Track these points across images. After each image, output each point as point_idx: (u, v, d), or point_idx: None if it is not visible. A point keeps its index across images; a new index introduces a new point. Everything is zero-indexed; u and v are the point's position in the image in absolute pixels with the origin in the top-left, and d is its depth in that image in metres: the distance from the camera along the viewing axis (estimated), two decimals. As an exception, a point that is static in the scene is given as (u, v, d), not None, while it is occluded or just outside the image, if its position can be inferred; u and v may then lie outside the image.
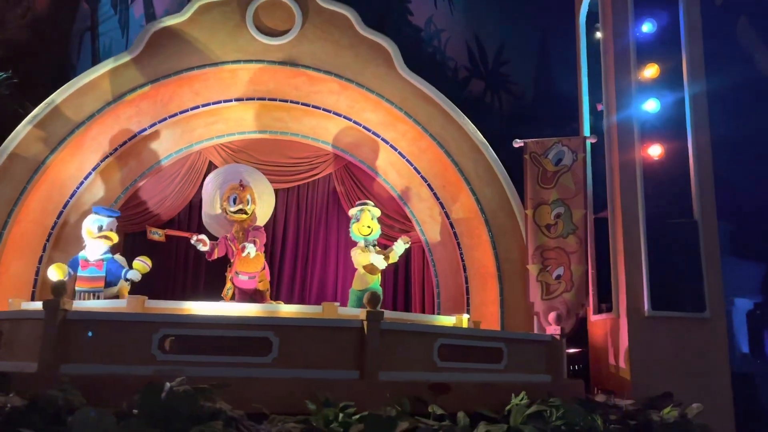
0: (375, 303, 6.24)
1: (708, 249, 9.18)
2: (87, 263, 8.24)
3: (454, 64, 14.32)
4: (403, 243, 9.05)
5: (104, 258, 8.25)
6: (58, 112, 9.70)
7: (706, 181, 9.42)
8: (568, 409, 5.51)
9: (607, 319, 9.47)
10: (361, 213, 9.14)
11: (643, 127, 9.57)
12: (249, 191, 8.35)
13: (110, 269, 8.22)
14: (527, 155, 9.88)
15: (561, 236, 9.49)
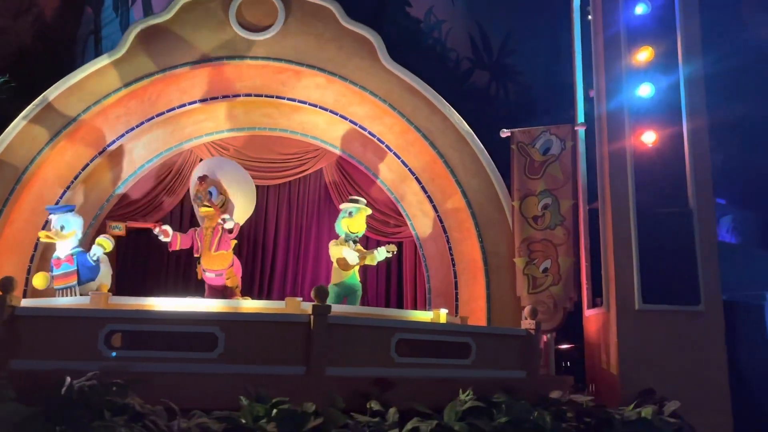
0: (322, 297, 6.09)
1: (704, 239, 8.74)
2: (59, 261, 8.30)
3: (456, 56, 14.06)
4: (386, 251, 8.90)
5: (73, 252, 8.28)
6: (48, 110, 9.82)
7: (702, 168, 8.97)
8: (514, 405, 5.26)
9: (600, 314, 9.12)
10: (358, 212, 9.01)
11: (635, 113, 9.19)
12: (211, 184, 8.25)
13: (80, 261, 8.25)
14: (514, 145, 9.60)
15: (548, 228, 9.18)
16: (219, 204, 8.17)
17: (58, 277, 8.26)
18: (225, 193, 8.26)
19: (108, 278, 8.75)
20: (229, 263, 8.10)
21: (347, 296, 8.87)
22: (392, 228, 10.84)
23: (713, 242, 8.76)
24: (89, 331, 5.92)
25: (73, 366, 5.75)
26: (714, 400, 8.29)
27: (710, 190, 8.92)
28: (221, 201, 8.21)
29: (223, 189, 8.25)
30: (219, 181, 8.29)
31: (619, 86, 9.24)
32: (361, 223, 8.93)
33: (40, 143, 9.76)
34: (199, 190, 8.18)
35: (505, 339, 7.47)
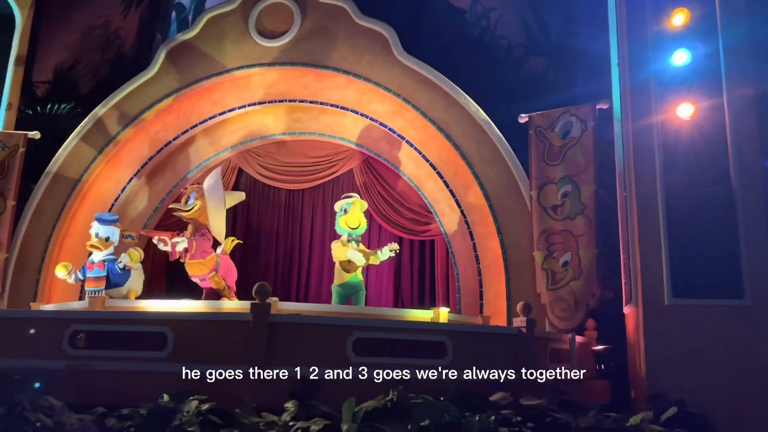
0: (263, 295, 5.99)
1: (750, 222, 7.56)
2: (92, 265, 8.85)
3: (507, 43, 13.31)
4: (389, 250, 8.62)
5: (105, 259, 8.81)
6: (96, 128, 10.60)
7: (747, 141, 7.77)
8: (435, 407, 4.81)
9: (633, 311, 8.20)
10: (351, 206, 8.85)
11: (666, 84, 8.17)
12: (191, 189, 8.42)
13: (110, 268, 8.75)
14: (532, 130, 8.90)
15: (568, 218, 8.38)
16: (192, 209, 8.27)
17: (89, 280, 8.79)
18: (200, 198, 8.35)
19: (138, 284, 9.15)
20: (209, 269, 8.20)
21: (351, 296, 8.70)
22: (422, 226, 10.49)
23: (762, 225, 7.54)
24: (56, 331, 6.24)
25: (39, 364, 6.12)
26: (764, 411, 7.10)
27: (758, 167, 7.70)
28: (193, 206, 8.29)
29: (200, 194, 8.36)
30: (200, 187, 8.43)
31: (647, 54, 8.28)
32: (358, 217, 8.69)
33: (85, 162, 10.55)
34: (183, 195, 8.38)
35: (491, 338, 6.91)
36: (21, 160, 10.19)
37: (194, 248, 7.92)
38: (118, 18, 14.92)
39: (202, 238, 8.11)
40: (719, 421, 6.93)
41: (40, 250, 10.25)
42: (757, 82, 7.85)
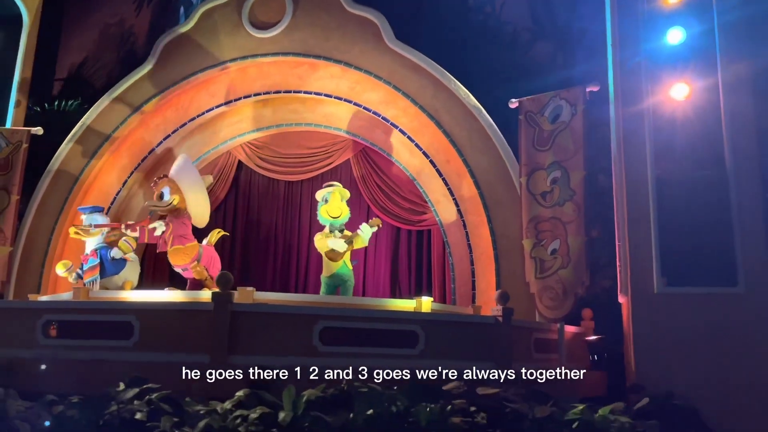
0: (225, 284, 5.97)
1: (744, 207, 7.24)
2: (86, 257, 9.01)
3: (513, 28, 13.03)
4: (369, 226, 8.49)
5: (97, 248, 8.91)
6: (94, 125, 10.76)
7: (742, 122, 7.44)
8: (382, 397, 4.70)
9: (626, 300, 7.93)
10: (331, 194, 8.76)
11: (657, 64, 7.89)
12: (165, 183, 8.38)
13: (103, 255, 8.84)
14: (522, 115, 8.69)
15: (557, 204, 8.16)
16: (168, 204, 8.28)
17: (86, 271, 8.94)
18: (178, 192, 8.34)
19: (134, 275, 9.26)
20: (191, 258, 8.21)
21: (339, 286, 8.62)
22: (418, 216, 10.36)
23: (757, 209, 7.19)
24: (29, 321, 6.33)
25: (12, 354, 6.24)
26: (758, 402, 6.79)
27: (753, 149, 7.35)
28: (171, 201, 8.28)
29: (176, 189, 8.34)
30: (174, 183, 8.40)
31: (639, 32, 8.00)
32: (338, 206, 8.57)
33: (87, 156, 10.71)
34: (155, 190, 8.39)
35: (466, 327, 6.76)
36: (24, 155, 10.41)
37: (170, 230, 7.96)
38: (131, 15, 15.10)
39: (178, 220, 8.15)
40: (710, 411, 6.70)
41: (44, 244, 10.45)
42: (754, 60, 7.47)
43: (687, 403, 6.79)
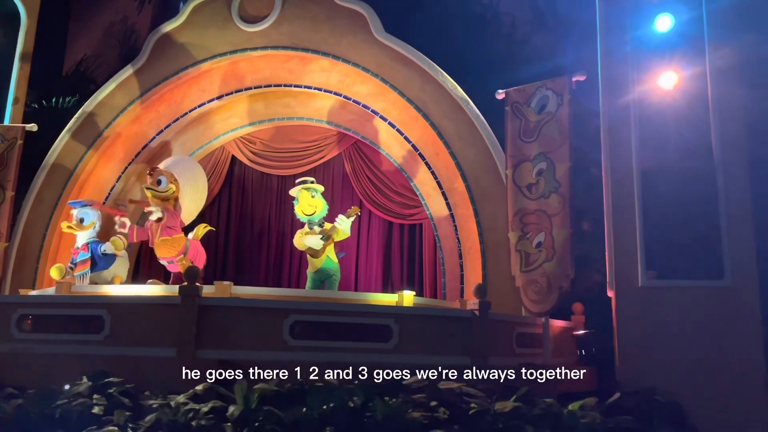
0: (192, 278, 5.94)
1: (732, 198, 7.03)
2: (77, 250, 9.05)
3: (511, 20, 12.85)
4: (346, 217, 8.42)
5: (89, 242, 8.94)
6: (88, 121, 10.82)
7: (730, 111, 7.22)
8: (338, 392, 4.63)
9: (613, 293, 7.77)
10: (299, 193, 8.70)
11: (642, 52, 7.72)
12: (161, 173, 8.38)
13: (94, 249, 8.88)
14: (508, 107, 8.52)
15: (542, 196, 7.99)
16: (165, 191, 8.28)
17: (77, 265, 8.98)
18: (175, 183, 8.37)
19: (123, 270, 9.33)
20: (177, 251, 8.21)
21: (324, 281, 8.57)
22: (410, 210, 10.27)
23: (745, 200, 6.98)
24: (4, 315, 6.36)
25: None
26: (744, 398, 6.61)
27: (742, 138, 7.14)
28: (167, 189, 8.30)
29: (174, 179, 8.36)
30: (170, 172, 8.43)
31: (625, 19, 7.83)
32: (309, 203, 8.49)
33: (80, 152, 10.76)
34: (150, 178, 8.38)
35: (442, 321, 6.66)
36: (19, 152, 10.47)
37: (166, 218, 7.98)
38: (133, 13, 15.20)
39: (171, 213, 8.16)
40: (694, 407, 6.55)
41: (39, 239, 10.54)
42: (742, 48, 7.25)
43: (670, 398, 6.64)
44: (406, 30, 10.37)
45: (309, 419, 4.42)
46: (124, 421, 4.46)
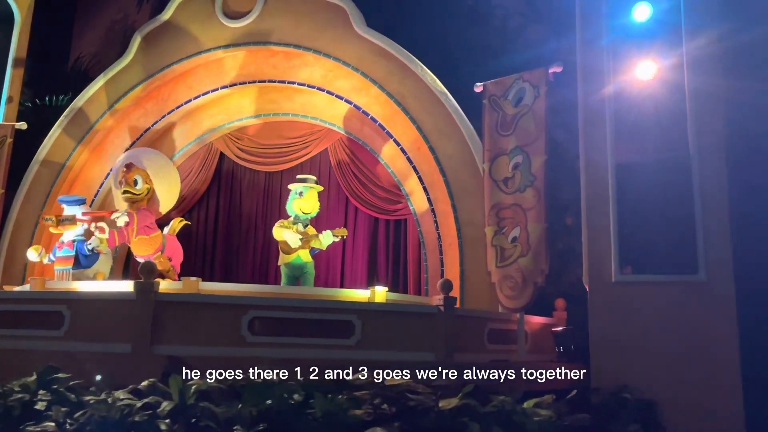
0: (148, 273, 5.92)
1: (707, 191, 6.82)
2: (62, 244, 9.07)
3: (503, 13, 12.66)
4: (333, 235, 8.41)
5: (75, 239, 8.98)
6: (77, 118, 10.89)
7: (707, 102, 6.98)
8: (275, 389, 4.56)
9: (590, 289, 7.60)
10: (308, 191, 8.69)
11: (617, 42, 7.52)
12: (137, 172, 8.37)
13: (78, 248, 8.90)
14: (486, 100, 8.38)
15: (518, 191, 7.85)
16: (142, 192, 8.28)
17: (59, 259, 9.00)
18: (150, 182, 8.36)
19: (105, 267, 9.37)
20: (155, 249, 8.20)
21: (299, 277, 8.53)
22: (394, 205, 10.16)
23: (721, 193, 6.77)
24: (-29, 311, 6.41)
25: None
26: (718, 395, 6.42)
27: (719, 130, 6.91)
28: (145, 190, 8.29)
29: (149, 179, 8.35)
30: (145, 171, 8.42)
31: (601, 7, 7.63)
32: (313, 203, 8.53)
33: (70, 147, 10.83)
34: (127, 178, 8.36)
35: (407, 317, 6.57)
36: (9, 150, 10.58)
37: (135, 221, 7.97)
38: (133, 11, 15.28)
39: (140, 213, 8.14)
40: (667, 405, 6.40)
41: (29, 235, 10.64)
42: (720, 37, 7.02)
43: (642, 396, 6.49)
44: (391, 23, 10.29)
45: (244, 416, 4.37)
46: (63, 417, 4.44)
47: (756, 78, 6.85)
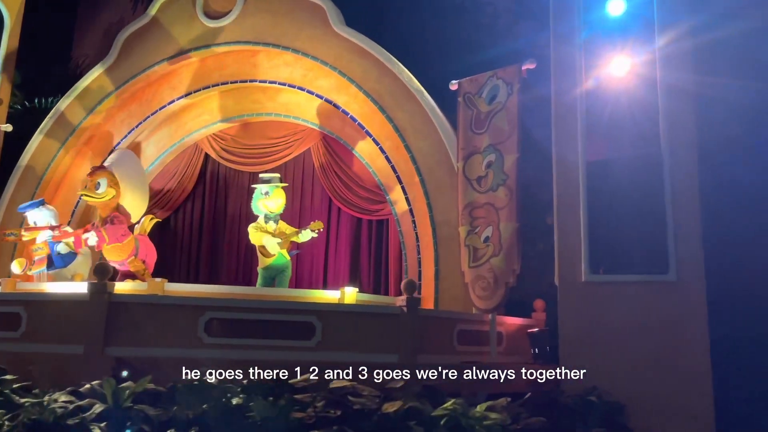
0: (102, 275, 5.87)
1: (678, 188, 6.62)
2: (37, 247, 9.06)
3: (493, 9, 12.51)
4: (311, 231, 8.32)
5: (47, 240, 8.93)
6: (60, 120, 10.91)
7: (679, 97, 6.79)
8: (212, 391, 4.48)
9: (563, 290, 7.43)
10: (274, 190, 8.62)
11: (589, 37, 7.35)
12: (102, 175, 8.23)
13: (51, 248, 8.88)
14: (461, 97, 8.26)
15: (491, 189, 7.72)
16: (104, 196, 8.15)
17: (36, 262, 9.01)
18: (116, 186, 8.23)
19: (84, 268, 9.35)
20: (128, 254, 8.14)
21: (275, 278, 8.46)
22: (376, 205, 10.06)
23: (692, 191, 6.58)
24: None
25: None
26: (688, 397, 6.24)
27: (692, 126, 6.72)
28: (105, 194, 8.14)
29: (114, 182, 8.23)
30: (112, 175, 8.28)
31: (575, 3, 7.48)
32: (280, 201, 8.44)
33: (53, 150, 10.86)
34: (88, 181, 8.24)
35: (369, 318, 6.46)
36: (-6, 152, 10.66)
37: (107, 238, 7.87)
38: (129, 15, 15.31)
39: (113, 225, 8.01)
40: (636, 409, 6.24)
41: (11, 246, 10.68)
42: (693, 32, 6.84)
43: (611, 398, 6.33)
44: (370, 20, 10.21)
45: (179, 419, 4.29)
46: (1, 419, 4.39)
47: (728, 74, 6.65)
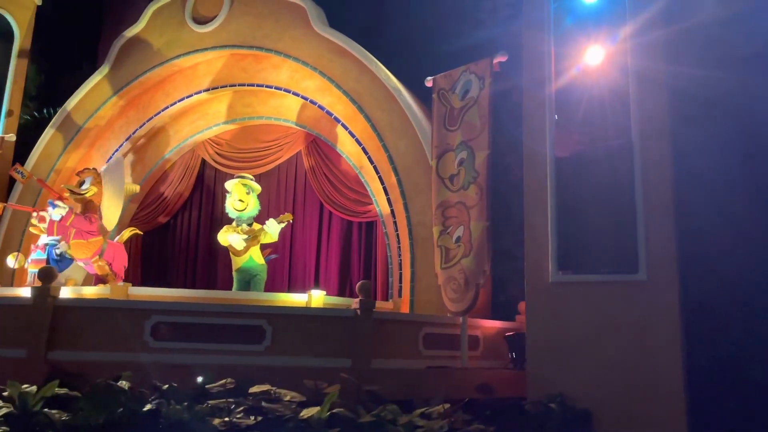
0: (47, 278, 5.87)
1: (649, 184, 6.20)
2: (36, 247, 9.25)
3: (492, 5, 12.19)
4: (277, 222, 8.19)
5: (48, 243, 9.12)
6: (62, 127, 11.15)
7: (651, 90, 6.38)
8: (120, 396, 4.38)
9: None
10: (233, 186, 8.55)
11: (559, 26, 7.02)
12: (90, 174, 8.43)
13: (49, 252, 9.05)
14: (435, 94, 8.02)
15: (462, 188, 7.45)
16: (84, 192, 8.32)
17: (33, 261, 9.19)
18: (98, 186, 8.37)
19: (78, 274, 9.55)
20: (92, 253, 8.21)
21: (249, 281, 8.37)
22: (363, 207, 9.88)
23: (664, 186, 6.16)
24: None
25: None
26: (659, 403, 5.83)
27: (664, 117, 6.29)
28: (90, 190, 8.32)
29: (98, 181, 8.38)
30: (97, 174, 8.45)
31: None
32: (240, 197, 8.33)
33: (55, 156, 11.11)
34: (78, 177, 8.44)
35: (321, 321, 6.28)
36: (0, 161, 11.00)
37: (70, 220, 8.00)
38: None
39: (84, 219, 8.18)
40: (604, 415, 5.90)
41: (17, 243, 10.96)
42: (666, 20, 6.43)
43: (576, 405, 5.99)
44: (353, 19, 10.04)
45: (87, 424, 4.22)
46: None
47: (701, 64, 6.20)
